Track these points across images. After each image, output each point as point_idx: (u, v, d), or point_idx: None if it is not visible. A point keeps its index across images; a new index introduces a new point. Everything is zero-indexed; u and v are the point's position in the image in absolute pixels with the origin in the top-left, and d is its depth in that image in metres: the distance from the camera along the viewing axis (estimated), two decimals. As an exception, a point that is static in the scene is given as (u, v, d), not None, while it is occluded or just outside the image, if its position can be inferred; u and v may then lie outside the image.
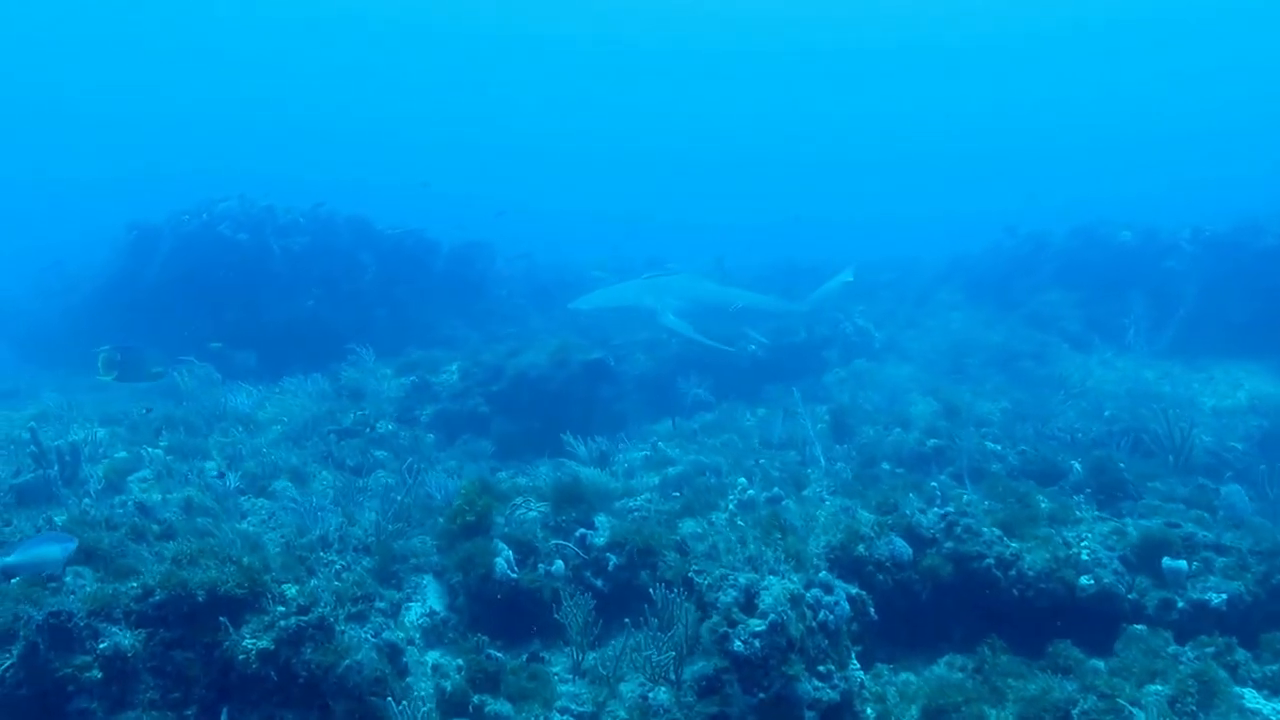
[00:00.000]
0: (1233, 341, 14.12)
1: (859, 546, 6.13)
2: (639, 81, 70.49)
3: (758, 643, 4.67)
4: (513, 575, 6.12)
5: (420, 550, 6.83)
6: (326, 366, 12.56)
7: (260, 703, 4.73)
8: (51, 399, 11.78)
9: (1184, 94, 60.79)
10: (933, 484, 7.57)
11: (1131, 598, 5.93)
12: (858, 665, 5.18)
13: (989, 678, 5.34)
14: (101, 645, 4.70)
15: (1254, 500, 7.68)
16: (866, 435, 9.82)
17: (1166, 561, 6.00)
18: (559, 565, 6.28)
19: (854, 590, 5.63)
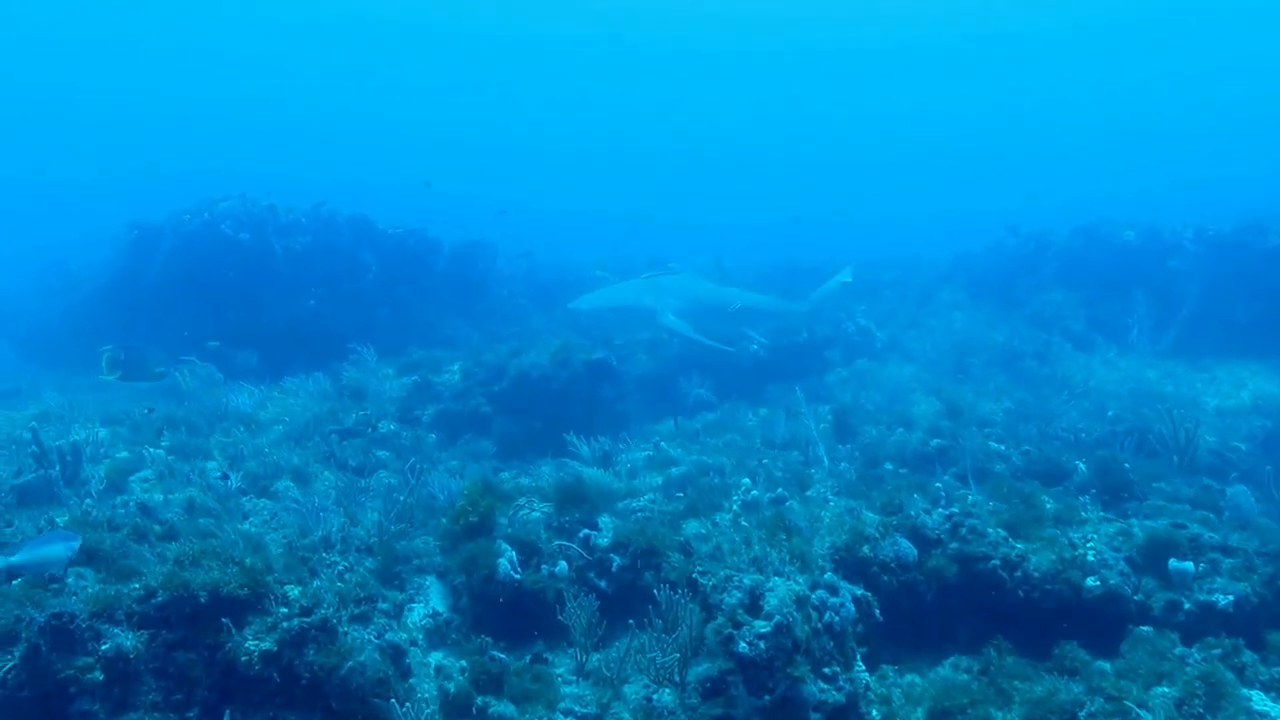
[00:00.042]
0: (1236, 341, 14.12)
1: (864, 547, 6.10)
2: (639, 81, 70.60)
3: (763, 644, 4.65)
4: (516, 576, 6.10)
5: (423, 551, 6.80)
6: (328, 366, 12.54)
7: (263, 704, 4.71)
8: (53, 399, 11.75)
9: (1184, 94, 60.86)
10: (937, 484, 7.52)
11: (1138, 599, 5.91)
12: (863, 667, 5.15)
13: (995, 679, 5.31)
14: (104, 647, 4.68)
15: (1260, 501, 7.65)
16: (869, 435, 9.79)
17: (1173, 563, 5.97)
18: (562, 566, 6.26)
19: (859, 591, 5.59)
